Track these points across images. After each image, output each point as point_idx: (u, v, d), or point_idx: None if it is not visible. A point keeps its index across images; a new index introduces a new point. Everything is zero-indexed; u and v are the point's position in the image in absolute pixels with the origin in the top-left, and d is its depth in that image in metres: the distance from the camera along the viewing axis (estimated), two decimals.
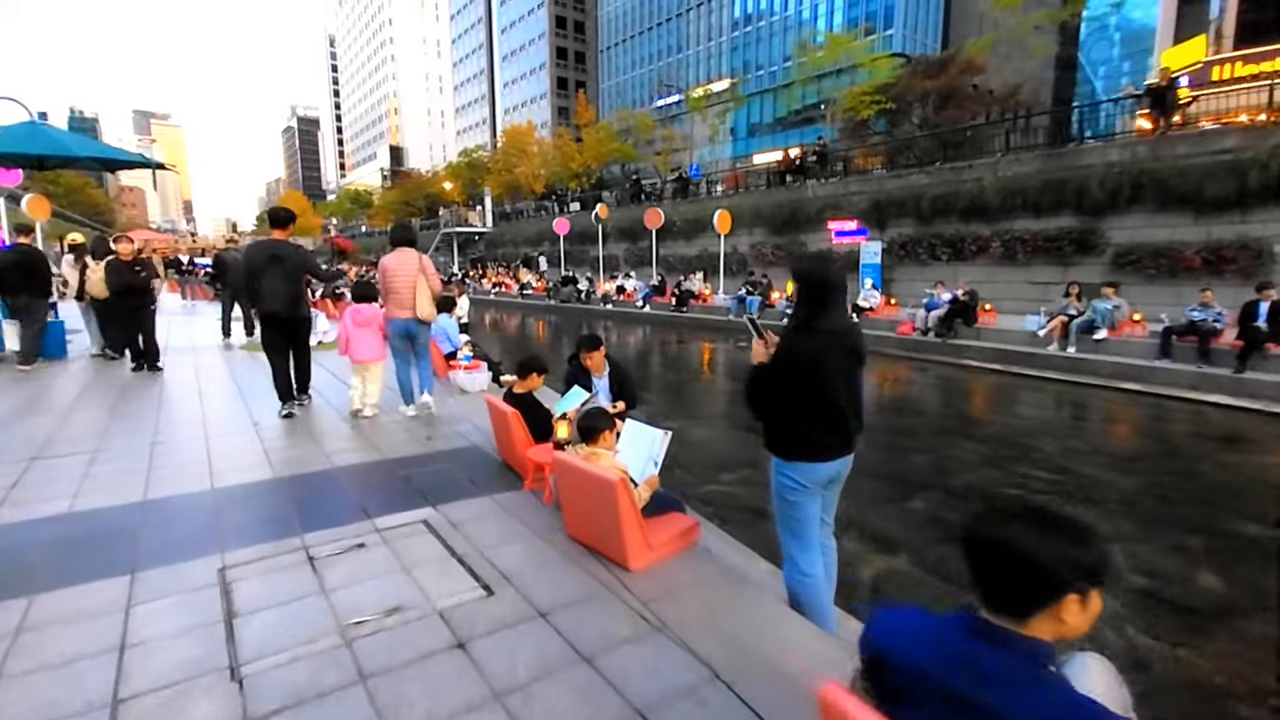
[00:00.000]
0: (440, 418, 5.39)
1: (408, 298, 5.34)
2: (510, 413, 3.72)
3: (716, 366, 12.55)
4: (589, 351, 4.44)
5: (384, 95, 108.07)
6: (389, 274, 5.37)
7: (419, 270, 5.39)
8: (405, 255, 5.43)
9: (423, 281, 5.39)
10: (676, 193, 26.98)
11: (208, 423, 5.07)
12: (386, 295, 5.41)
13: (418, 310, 5.38)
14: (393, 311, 5.39)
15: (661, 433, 3.04)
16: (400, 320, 5.38)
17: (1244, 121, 15.12)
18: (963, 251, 15.19)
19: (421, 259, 5.49)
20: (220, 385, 6.70)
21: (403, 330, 5.42)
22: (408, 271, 5.36)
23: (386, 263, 5.45)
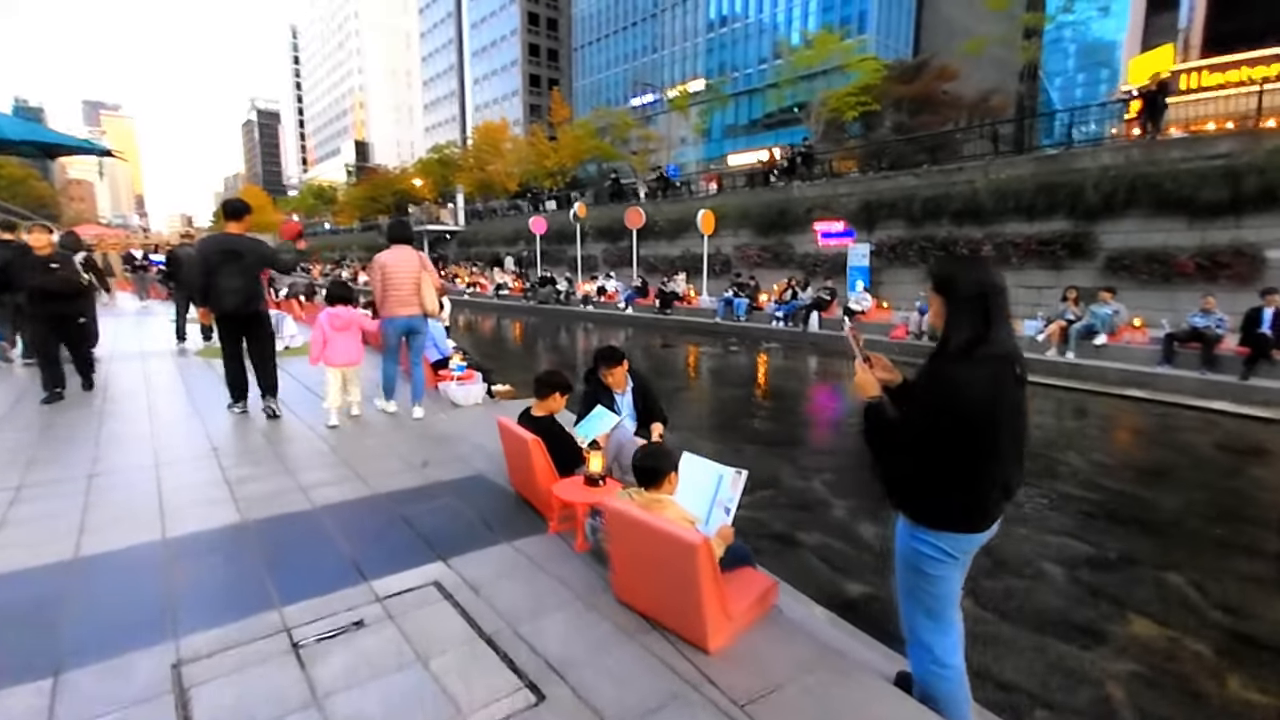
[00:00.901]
0: (433, 438, 4.74)
1: (410, 294, 5.24)
2: (530, 440, 3.12)
3: (712, 372, 12.06)
4: (610, 367, 3.86)
5: (349, 89, 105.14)
6: (389, 271, 5.20)
7: (420, 266, 5.32)
8: (404, 252, 5.31)
9: (426, 277, 5.33)
10: (657, 192, 26.47)
11: (158, 447, 4.32)
12: (386, 293, 5.22)
13: (425, 304, 5.32)
14: (394, 310, 5.25)
15: (732, 471, 2.48)
16: (404, 318, 5.27)
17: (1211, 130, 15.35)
18: (953, 254, 15.01)
19: (421, 255, 5.43)
20: (173, 399, 5.90)
21: (405, 328, 5.34)
22: (410, 268, 5.26)
23: (385, 260, 5.23)
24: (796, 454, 6.78)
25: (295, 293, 13.96)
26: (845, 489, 5.46)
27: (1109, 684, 3.12)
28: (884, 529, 4.57)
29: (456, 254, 37.47)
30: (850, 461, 6.36)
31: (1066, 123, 21.15)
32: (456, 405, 5.69)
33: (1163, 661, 3.29)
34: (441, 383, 5.90)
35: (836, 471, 6.02)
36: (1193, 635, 3.54)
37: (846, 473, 5.97)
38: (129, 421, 4.99)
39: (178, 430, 4.80)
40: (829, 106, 26.43)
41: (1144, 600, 3.85)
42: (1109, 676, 3.17)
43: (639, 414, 4.06)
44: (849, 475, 5.90)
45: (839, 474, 5.90)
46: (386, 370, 5.56)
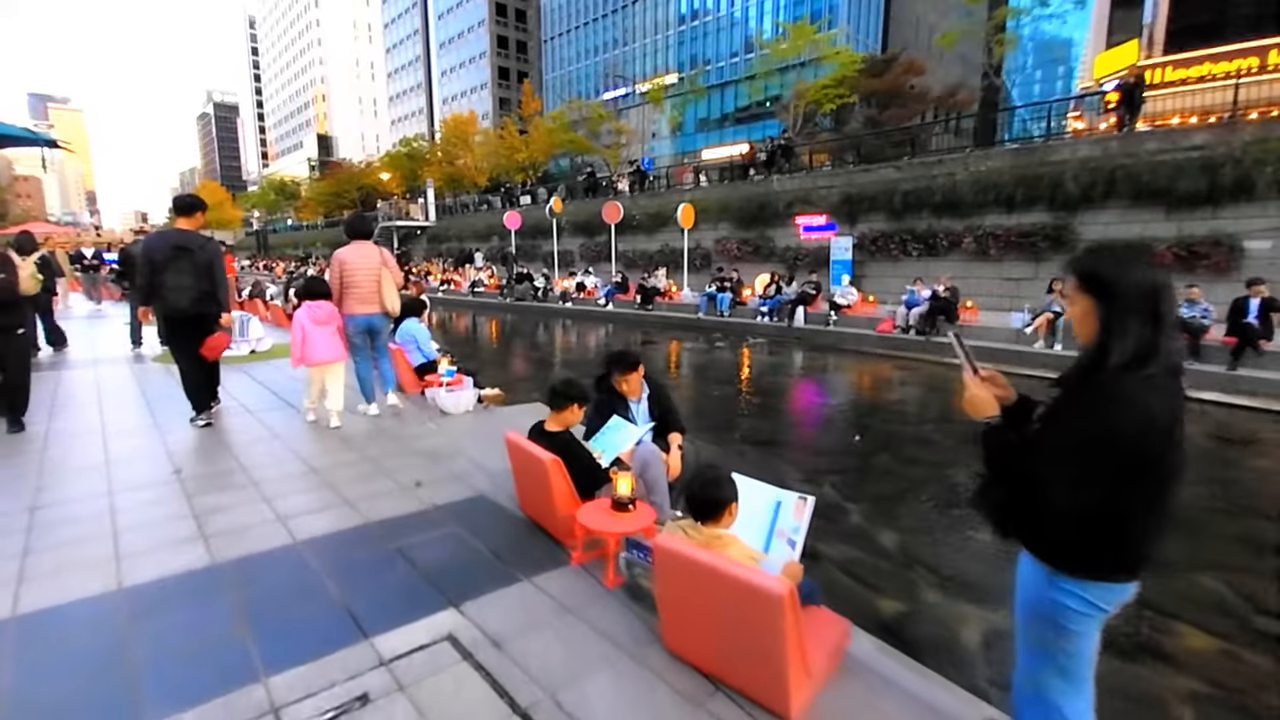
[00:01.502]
0: (424, 452, 4.32)
1: (371, 292, 5.11)
2: (549, 461, 2.76)
3: (700, 369, 11.76)
4: (625, 372, 3.51)
5: (310, 81, 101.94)
6: (349, 267, 5.06)
7: (381, 263, 5.17)
8: (365, 248, 5.19)
9: (387, 274, 5.18)
10: (634, 186, 26.08)
11: (112, 472, 3.83)
12: (346, 290, 5.07)
13: (385, 303, 5.18)
14: (353, 307, 5.09)
15: (794, 496, 2.17)
16: (363, 316, 5.12)
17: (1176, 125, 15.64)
18: (935, 247, 15.00)
19: (382, 251, 5.27)
20: (129, 413, 5.35)
21: (365, 326, 5.18)
22: (370, 264, 5.11)
23: (345, 256, 5.11)
24: (799, 455, 6.53)
25: (258, 292, 13.25)
26: (856, 491, 5.21)
27: (1176, 706, 2.91)
28: (903, 534, 4.33)
29: (427, 250, 36.54)
30: (854, 462, 6.13)
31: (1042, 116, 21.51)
32: (445, 413, 5.27)
33: (1226, 677, 3.10)
34: (429, 389, 5.47)
35: (844, 473, 5.78)
36: (1247, 646, 3.37)
37: (854, 474, 5.74)
38: (78, 441, 4.46)
39: (135, 450, 4.29)
40: (806, 99, 26.30)
41: (1186, 607, 3.67)
42: (1175, 698, 2.96)
43: (656, 424, 3.72)
44: (856, 476, 5.66)
45: (847, 475, 5.66)
46: (360, 372, 5.36)
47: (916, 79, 37.91)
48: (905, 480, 5.53)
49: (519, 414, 5.35)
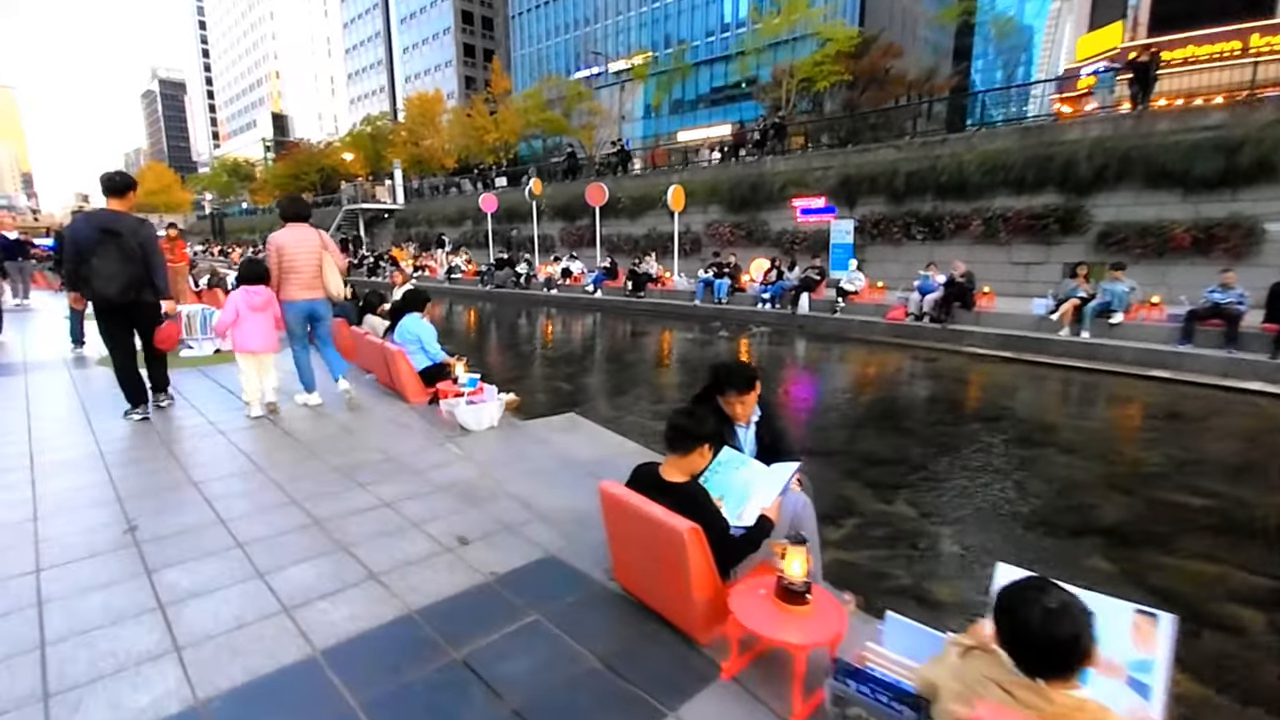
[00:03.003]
0: (454, 488, 3.45)
1: (313, 276, 4.94)
2: (687, 531, 1.93)
3: (704, 363, 10.99)
4: (742, 392, 2.70)
5: (263, 56, 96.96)
6: (287, 252, 4.84)
7: (321, 246, 4.99)
8: (303, 231, 4.97)
9: (328, 257, 5.02)
10: (617, 167, 25.03)
11: (42, 529, 2.87)
12: (285, 276, 4.86)
13: (329, 288, 5.05)
14: (293, 293, 4.90)
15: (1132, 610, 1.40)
16: (304, 302, 4.96)
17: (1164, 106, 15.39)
18: (940, 230, 14.49)
19: (320, 233, 5.06)
20: (66, 437, 4.31)
21: (308, 312, 5.03)
22: (309, 248, 4.92)
23: (281, 240, 4.86)
24: (850, 464, 5.81)
25: (217, 282, 11.94)
26: (935, 508, 4.53)
27: None
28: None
29: (395, 234, 34.84)
30: (913, 470, 5.44)
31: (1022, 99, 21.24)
32: (466, 430, 4.38)
33: None
34: (444, 400, 4.55)
35: (911, 486, 5.07)
36: None
37: (923, 487, 5.05)
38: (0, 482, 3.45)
39: (73, 494, 3.31)
40: (798, 76, 25.49)
41: None
42: None
43: (764, 452, 2.93)
44: (927, 490, 4.97)
45: (916, 490, 4.95)
46: (299, 360, 5.17)
47: (894, 61, 37.50)
48: (981, 492, 4.86)
49: (552, 431, 4.50)
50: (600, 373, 10.11)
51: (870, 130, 19.73)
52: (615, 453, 4.10)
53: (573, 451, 4.06)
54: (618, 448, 4.23)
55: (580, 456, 3.97)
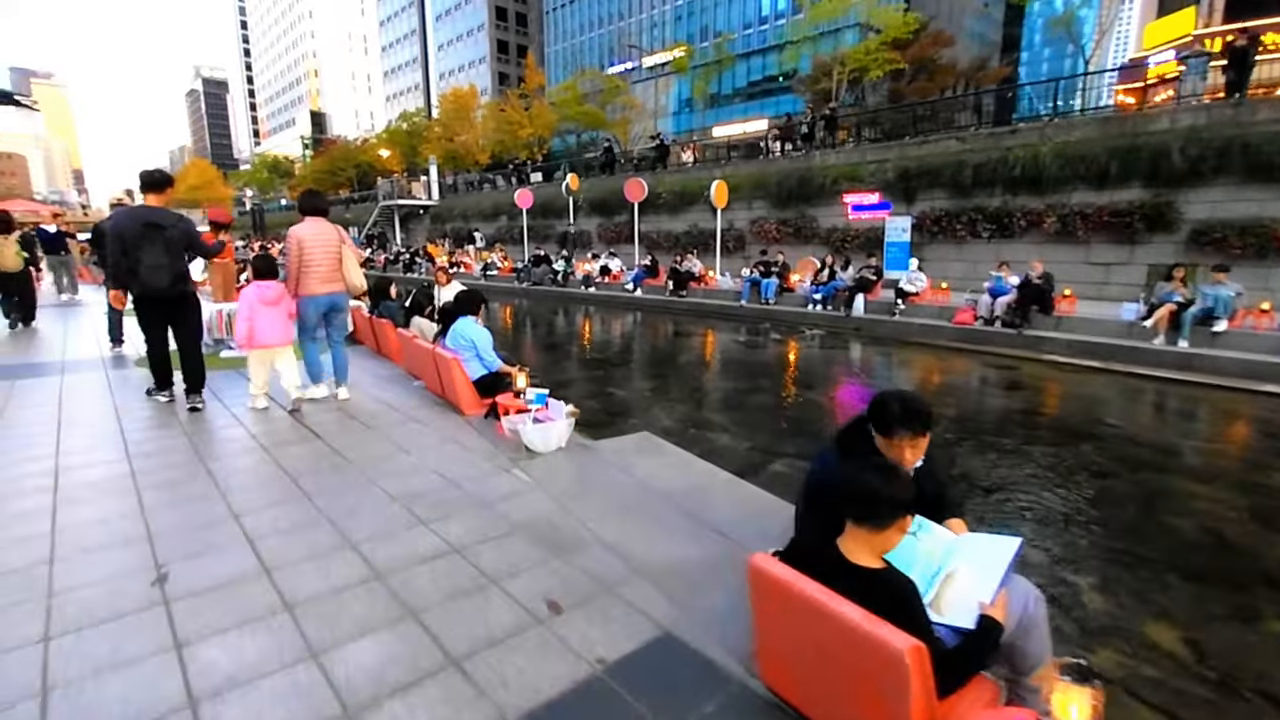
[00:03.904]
0: (525, 527, 2.91)
1: (330, 270, 4.95)
2: (910, 652, 1.35)
3: (761, 368, 10.33)
4: (915, 435, 2.09)
5: (301, 55, 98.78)
6: (307, 246, 4.82)
7: (340, 239, 5.03)
8: (321, 225, 4.98)
9: (348, 251, 5.06)
10: (655, 163, 24.42)
11: (56, 579, 2.42)
12: (304, 270, 4.85)
13: (350, 281, 5.07)
14: (313, 287, 4.89)
15: None
16: (325, 296, 4.96)
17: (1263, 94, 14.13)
18: (1010, 227, 13.54)
19: (338, 229, 5.10)
20: (95, 452, 3.90)
21: (327, 306, 5.03)
22: (328, 241, 4.94)
23: (301, 234, 4.83)
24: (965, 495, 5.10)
25: None
26: (1071, 551, 3.84)
27: None
28: (1187, 627, 2.96)
29: (430, 230, 34.79)
30: (1037, 502, 4.74)
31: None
32: (532, 452, 3.85)
33: None
34: (506, 417, 4.03)
35: (1035, 520, 4.38)
36: None
37: (1048, 520, 4.35)
38: (8, 514, 3.02)
39: (97, 528, 2.86)
40: (849, 65, 24.46)
41: None
42: None
43: (928, 505, 2.31)
44: (1053, 524, 4.27)
45: (1041, 524, 4.26)
46: (309, 355, 5.16)
47: (943, 51, 36.10)
48: (1116, 529, 4.16)
49: (628, 454, 3.95)
50: (651, 377, 9.55)
51: (928, 121, 18.81)
52: (706, 482, 3.53)
53: (658, 480, 3.50)
54: (708, 476, 3.65)
55: (668, 487, 3.41)
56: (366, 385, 5.75)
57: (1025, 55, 67.49)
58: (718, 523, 2.96)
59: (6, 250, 8.74)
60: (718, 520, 2.99)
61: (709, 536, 2.84)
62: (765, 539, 2.79)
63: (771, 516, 3.07)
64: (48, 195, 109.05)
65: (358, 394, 5.40)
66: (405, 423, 4.58)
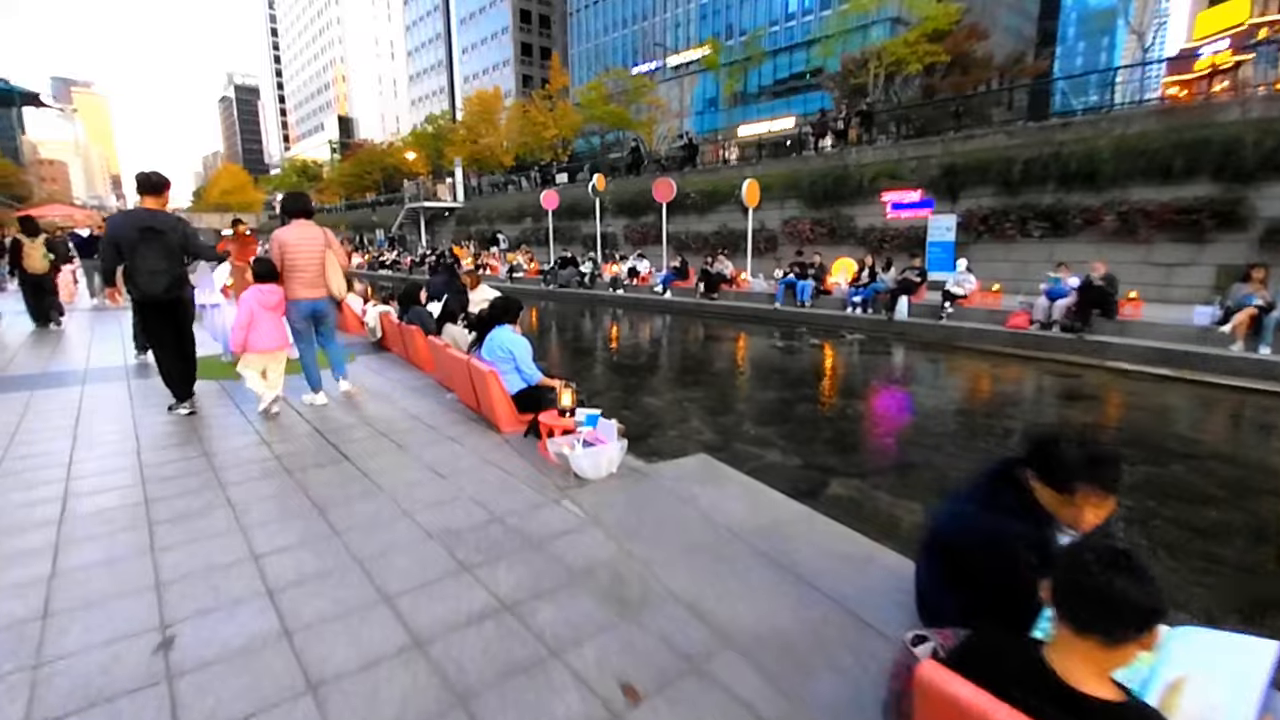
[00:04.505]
0: (587, 576, 2.51)
1: (315, 275, 4.88)
2: None
3: (803, 376, 9.83)
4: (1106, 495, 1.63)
5: (330, 61, 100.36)
6: (291, 250, 4.77)
7: (325, 244, 4.93)
8: (307, 228, 4.88)
9: (331, 256, 4.96)
10: (683, 162, 23.97)
11: (49, 644, 2.06)
12: (288, 274, 4.80)
13: (331, 287, 5.00)
14: (298, 292, 4.84)
15: None
16: (308, 301, 4.90)
17: None
18: (1063, 226, 12.82)
19: (325, 231, 5.02)
20: (107, 475, 3.61)
21: (310, 312, 4.97)
22: (313, 246, 4.85)
23: (285, 237, 4.77)
24: None
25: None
26: (1210, 600, 3.32)
27: None
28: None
29: (455, 232, 34.78)
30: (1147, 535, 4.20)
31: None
32: (582, 479, 3.45)
33: None
34: (552, 441, 3.63)
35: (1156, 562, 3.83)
36: None
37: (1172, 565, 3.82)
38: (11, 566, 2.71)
39: (101, 567, 2.54)
40: (886, 59, 23.71)
41: None
42: None
43: None
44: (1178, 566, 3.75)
45: (1167, 566, 3.73)
46: (305, 359, 5.06)
47: (979, 44, 34.99)
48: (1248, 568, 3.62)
49: (688, 481, 3.52)
50: (686, 385, 9.11)
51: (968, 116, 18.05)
52: (782, 517, 3.09)
53: (725, 513, 3.08)
54: (781, 509, 3.21)
55: (738, 522, 2.98)
56: (397, 397, 5.42)
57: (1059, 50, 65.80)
58: (806, 571, 2.53)
59: (34, 253, 8.97)
60: (805, 568, 2.55)
61: (801, 591, 2.40)
62: (869, 596, 2.35)
63: (867, 565, 2.62)
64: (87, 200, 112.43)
65: (389, 408, 5.08)
66: (439, 441, 4.21)
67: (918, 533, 3.92)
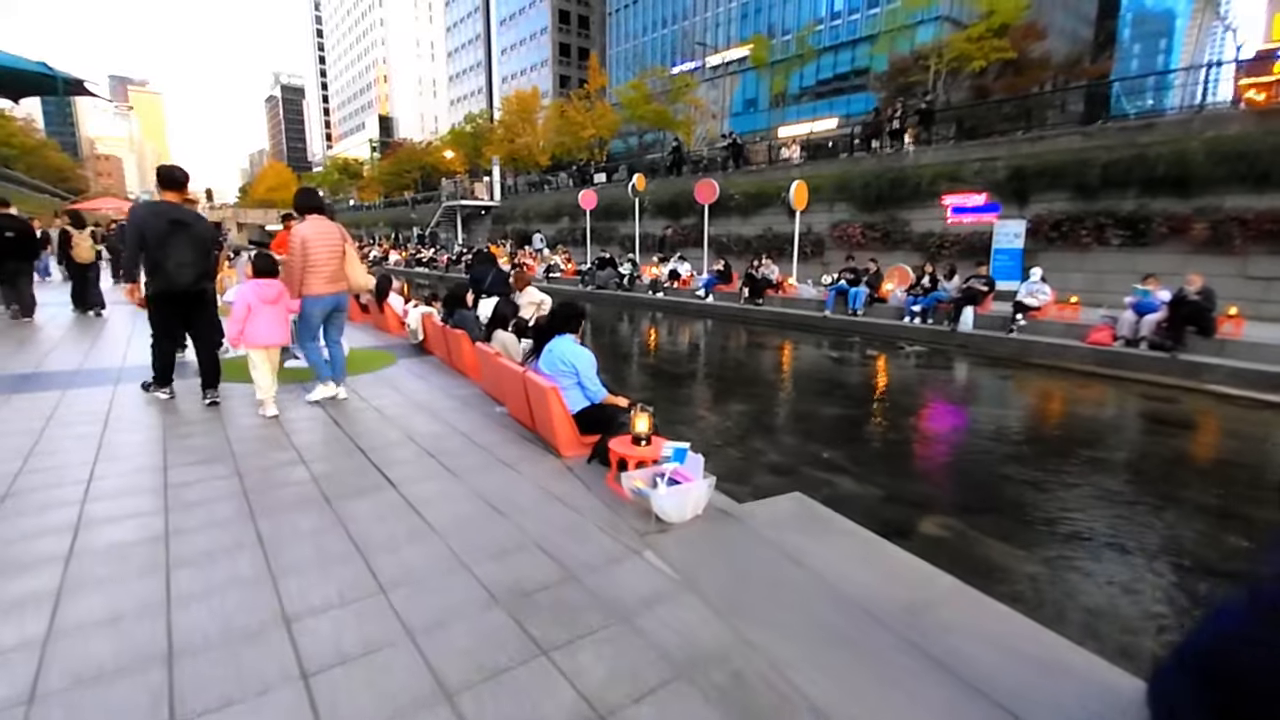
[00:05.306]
0: (692, 662, 1.99)
1: (335, 270, 4.88)
2: None
3: (883, 390, 9.14)
4: None
5: (372, 62, 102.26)
6: (311, 245, 4.72)
7: (342, 238, 4.96)
8: (323, 224, 4.89)
9: (350, 249, 4.99)
10: (727, 162, 23.34)
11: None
12: (309, 270, 4.74)
13: (355, 280, 5.06)
14: (319, 287, 4.82)
15: None
16: (330, 296, 4.91)
17: None
18: (1146, 234, 11.86)
19: (339, 227, 5.03)
20: (130, 500, 3.22)
21: (332, 306, 4.98)
22: (331, 241, 4.86)
23: (305, 233, 4.73)
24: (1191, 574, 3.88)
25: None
26: None
27: None
28: None
29: (491, 231, 34.72)
30: None
31: None
32: (663, 522, 2.92)
33: None
34: (626, 476, 3.10)
35: None
36: None
37: None
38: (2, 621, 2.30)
39: (104, 628, 2.10)
40: (947, 56, 22.73)
41: None
42: None
43: None
44: None
45: None
46: (311, 354, 5.06)
47: (1037, 44, 33.54)
48: None
49: (788, 529, 2.96)
50: (739, 398, 8.52)
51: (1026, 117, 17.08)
52: (927, 591, 2.51)
53: (850, 581, 2.51)
54: (919, 578, 2.63)
55: (873, 598, 2.41)
56: (443, 410, 4.97)
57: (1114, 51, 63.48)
58: (976, 675, 1.95)
59: (83, 243, 9.41)
60: (975, 671, 1.98)
61: (981, 710, 1.83)
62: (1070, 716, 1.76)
63: (1056, 670, 2.03)
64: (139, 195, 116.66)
65: (435, 423, 4.63)
66: (492, 466, 3.73)
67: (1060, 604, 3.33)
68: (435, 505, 3.12)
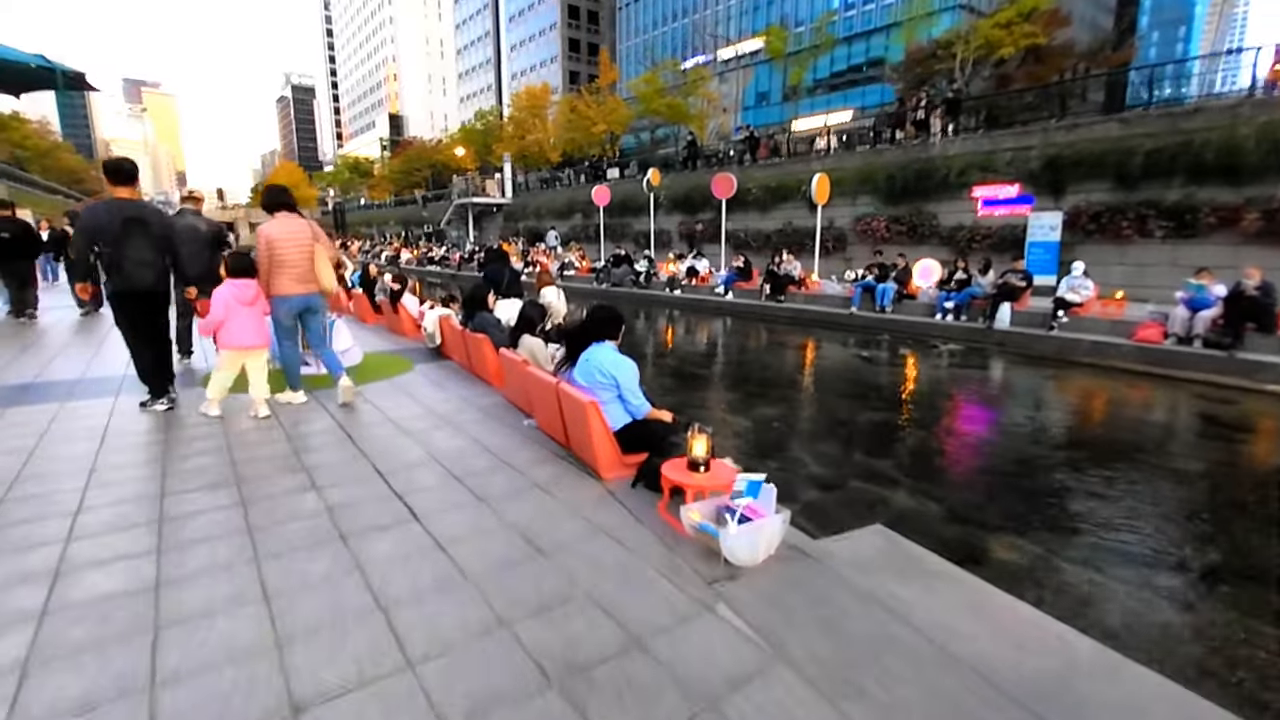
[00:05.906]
0: None
1: (304, 269, 4.60)
2: None
3: (922, 392, 8.66)
4: None
5: (382, 61, 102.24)
6: (278, 244, 4.48)
7: (313, 237, 4.64)
8: (293, 222, 4.61)
9: (320, 249, 4.65)
10: (743, 156, 22.83)
11: None
12: (276, 269, 4.51)
13: (322, 281, 4.68)
14: (286, 287, 4.57)
15: None
16: (300, 296, 4.64)
17: None
18: (1192, 225, 11.27)
19: (311, 224, 4.72)
20: (121, 536, 2.84)
21: (303, 307, 4.72)
22: (301, 240, 4.57)
23: (270, 232, 4.48)
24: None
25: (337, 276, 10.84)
26: None
27: None
28: None
29: (503, 229, 34.39)
30: None
31: None
32: (731, 565, 2.50)
33: None
34: (686, 511, 2.68)
35: None
36: None
37: None
38: None
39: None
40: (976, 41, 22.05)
41: None
42: None
43: None
44: None
45: None
46: (286, 356, 4.85)
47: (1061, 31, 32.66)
48: None
49: (874, 572, 2.54)
50: (770, 401, 8.07)
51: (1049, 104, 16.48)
52: (1027, 635, 2.09)
53: (966, 644, 2.08)
54: (1019, 625, 2.20)
55: (999, 668, 1.98)
56: (466, 422, 4.58)
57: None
58: None
59: None
60: None
61: None
62: None
63: None
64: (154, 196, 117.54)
65: (459, 437, 4.23)
66: (526, 491, 3.33)
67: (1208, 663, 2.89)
68: (465, 543, 2.72)
